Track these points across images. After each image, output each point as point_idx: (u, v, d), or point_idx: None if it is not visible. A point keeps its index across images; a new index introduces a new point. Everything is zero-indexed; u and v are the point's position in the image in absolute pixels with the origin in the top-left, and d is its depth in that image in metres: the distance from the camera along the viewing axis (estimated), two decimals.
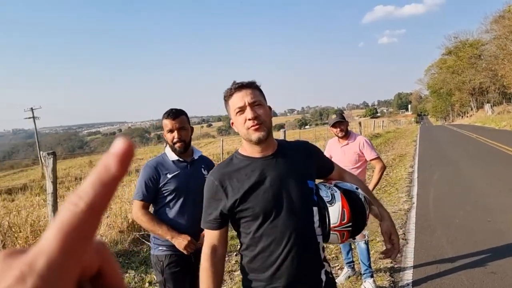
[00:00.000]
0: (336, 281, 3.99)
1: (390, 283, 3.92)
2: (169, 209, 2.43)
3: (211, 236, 1.65)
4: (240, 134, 1.63)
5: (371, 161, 3.89)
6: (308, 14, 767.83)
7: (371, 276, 3.82)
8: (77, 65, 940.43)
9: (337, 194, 1.64)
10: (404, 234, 5.22)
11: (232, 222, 1.65)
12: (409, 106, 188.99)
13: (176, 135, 2.41)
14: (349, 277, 4.08)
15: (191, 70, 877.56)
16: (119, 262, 4.52)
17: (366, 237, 4.01)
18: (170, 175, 2.42)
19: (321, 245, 1.68)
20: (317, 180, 1.76)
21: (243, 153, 1.67)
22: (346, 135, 3.91)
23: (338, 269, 4.28)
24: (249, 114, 1.54)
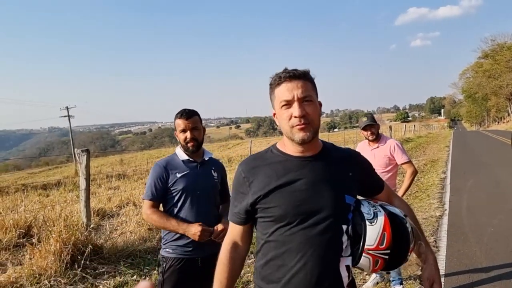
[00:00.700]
0: (364, 287, 3.92)
1: None
2: (178, 209, 2.41)
3: (234, 230, 1.53)
4: (281, 130, 1.44)
5: (402, 165, 3.80)
6: (340, 16, 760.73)
7: (400, 283, 3.73)
8: (110, 67, 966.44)
9: (381, 214, 1.43)
10: (435, 241, 5.08)
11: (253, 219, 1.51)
12: (442, 110, 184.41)
13: (189, 134, 2.40)
14: (377, 283, 4.00)
15: (220, 73, 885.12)
16: (147, 259, 4.60)
17: None
18: (179, 175, 2.41)
19: (346, 267, 1.45)
20: (360, 196, 1.57)
21: (280, 148, 1.49)
22: (377, 138, 3.84)
23: (366, 274, 4.20)
24: (296, 111, 1.35)
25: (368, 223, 1.41)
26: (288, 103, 1.38)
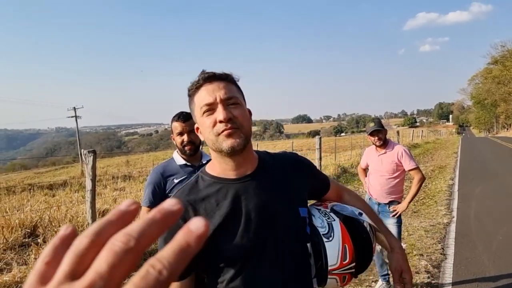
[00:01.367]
0: None
1: None
2: None
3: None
4: (207, 144, 1.19)
5: (410, 171, 3.76)
6: (348, 21, 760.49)
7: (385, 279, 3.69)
8: (118, 68, 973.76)
9: (336, 224, 1.26)
10: (443, 249, 5.01)
11: (199, 266, 1.19)
12: (450, 116, 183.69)
13: (185, 137, 2.35)
14: None
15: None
16: None
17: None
18: (176, 180, 2.36)
19: None
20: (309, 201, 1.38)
21: (211, 172, 1.23)
22: (384, 143, 3.81)
23: (373, 281, 4.15)
24: (220, 114, 1.11)
25: (325, 239, 1.24)
26: (210, 107, 1.14)
